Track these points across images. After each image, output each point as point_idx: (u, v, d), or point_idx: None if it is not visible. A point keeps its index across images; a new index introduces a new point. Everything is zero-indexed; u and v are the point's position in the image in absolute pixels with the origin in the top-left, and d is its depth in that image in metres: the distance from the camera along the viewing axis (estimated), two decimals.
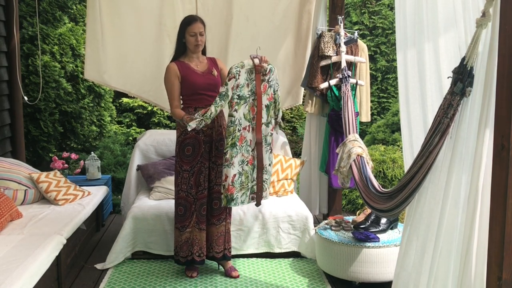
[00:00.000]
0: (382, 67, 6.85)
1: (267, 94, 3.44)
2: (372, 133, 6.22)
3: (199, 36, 3.43)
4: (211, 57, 3.66)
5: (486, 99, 1.93)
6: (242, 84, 3.34)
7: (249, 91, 3.38)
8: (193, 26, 3.42)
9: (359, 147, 3.38)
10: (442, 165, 2.17)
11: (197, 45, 3.46)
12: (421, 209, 2.30)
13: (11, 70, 4.72)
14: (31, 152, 5.58)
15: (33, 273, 2.72)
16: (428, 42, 2.30)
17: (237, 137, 3.35)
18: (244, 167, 3.39)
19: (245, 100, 3.36)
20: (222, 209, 3.57)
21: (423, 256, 2.24)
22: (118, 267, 3.76)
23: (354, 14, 6.90)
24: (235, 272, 3.62)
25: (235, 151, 3.34)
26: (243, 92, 3.35)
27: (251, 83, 3.37)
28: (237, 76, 3.30)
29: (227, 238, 3.64)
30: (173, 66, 3.47)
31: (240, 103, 3.35)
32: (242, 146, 3.38)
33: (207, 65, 3.55)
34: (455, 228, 2.10)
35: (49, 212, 3.77)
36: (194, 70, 3.49)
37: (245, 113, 3.38)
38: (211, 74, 3.53)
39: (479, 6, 1.99)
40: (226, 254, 3.64)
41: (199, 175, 3.50)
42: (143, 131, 6.22)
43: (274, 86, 3.46)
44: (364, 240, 3.33)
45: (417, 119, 2.42)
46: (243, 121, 3.38)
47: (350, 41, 4.35)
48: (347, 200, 5.34)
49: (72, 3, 6.03)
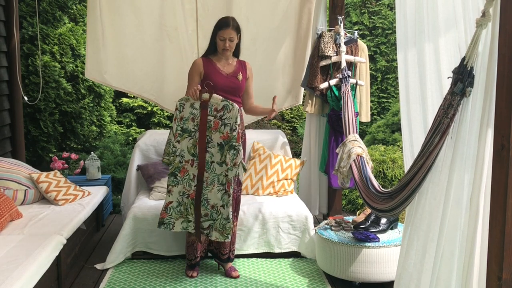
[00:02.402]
0: (382, 67, 6.85)
1: (220, 132, 3.35)
2: (372, 133, 6.22)
3: (228, 42, 3.43)
4: (243, 61, 3.64)
5: (488, 99, 1.93)
6: (187, 117, 3.37)
7: (195, 125, 3.37)
8: (224, 32, 3.43)
9: (359, 147, 3.38)
10: (443, 165, 2.17)
11: (225, 50, 3.47)
12: (421, 209, 2.30)
13: (11, 70, 4.72)
14: (31, 152, 5.58)
15: (33, 273, 2.72)
16: (429, 42, 2.30)
17: (178, 168, 3.38)
18: (184, 199, 3.42)
19: (189, 133, 3.38)
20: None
21: (424, 256, 2.24)
22: (118, 267, 3.76)
23: (354, 14, 6.90)
24: (235, 272, 3.63)
25: (173, 180, 3.39)
26: (187, 125, 3.37)
27: (197, 117, 3.36)
28: (181, 109, 3.37)
29: (233, 240, 3.66)
30: (198, 61, 3.54)
31: (183, 135, 3.38)
32: (183, 179, 3.40)
33: (235, 68, 3.55)
34: (457, 229, 2.10)
35: (49, 212, 3.77)
36: (219, 70, 3.50)
37: (188, 146, 3.38)
38: (235, 78, 3.52)
39: (479, 6, 1.98)
40: (230, 256, 3.65)
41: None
42: (143, 131, 6.21)
43: (232, 125, 3.32)
44: (364, 240, 3.33)
45: (418, 119, 2.42)
46: (186, 154, 3.39)
47: (350, 41, 4.35)
48: (347, 200, 5.34)
49: (72, 3, 6.02)
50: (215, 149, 3.36)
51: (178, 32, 4.39)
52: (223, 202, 3.34)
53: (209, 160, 3.37)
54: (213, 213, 3.37)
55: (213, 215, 3.37)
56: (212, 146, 3.36)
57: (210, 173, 3.37)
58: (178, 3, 4.33)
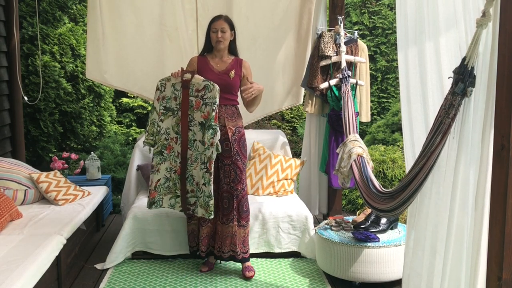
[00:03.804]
0: (382, 67, 6.85)
1: (201, 111, 3.44)
2: (372, 133, 6.22)
3: (220, 33, 3.49)
4: (240, 58, 3.66)
5: (490, 100, 1.93)
6: (169, 96, 3.50)
7: (177, 104, 3.49)
8: (216, 23, 3.52)
9: (360, 147, 3.38)
10: (446, 166, 2.17)
11: (218, 41, 3.51)
12: (426, 210, 2.29)
13: (11, 70, 4.72)
14: (31, 152, 5.58)
15: (33, 273, 2.72)
16: (429, 42, 2.30)
17: (164, 145, 3.51)
18: (172, 174, 3.54)
19: (172, 112, 3.50)
20: (230, 209, 3.57)
21: (435, 257, 2.23)
22: (118, 267, 3.76)
23: (354, 14, 6.90)
24: (250, 272, 3.61)
25: (160, 158, 3.51)
26: (169, 104, 3.50)
27: (179, 96, 3.47)
28: (162, 88, 3.50)
29: (234, 241, 3.59)
30: (194, 58, 3.64)
31: (166, 114, 3.50)
32: (170, 155, 3.52)
33: (228, 66, 3.57)
34: (465, 229, 2.09)
35: (49, 212, 3.77)
36: (211, 67, 3.56)
37: (172, 124, 3.51)
38: (227, 75, 3.54)
39: (479, 6, 1.98)
40: (235, 256, 3.62)
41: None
42: (143, 131, 6.22)
43: (212, 105, 3.39)
44: (364, 240, 3.33)
45: (419, 119, 2.42)
46: (171, 132, 3.51)
47: (350, 41, 4.35)
48: (347, 200, 5.34)
49: (72, 3, 6.03)
50: (197, 127, 3.46)
51: (178, 32, 4.40)
52: (204, 180, 3.42)
53: (191, 138, 3.48)
54: (197, 191, 3.48)
55: (197, 192, 3.48)
56: (194, 125, 3.47)
57: (193, 150, 3.48)
58: (178, 3, 4.34)
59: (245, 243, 3.64)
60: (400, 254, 3.24)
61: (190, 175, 3.49)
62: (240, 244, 3.61)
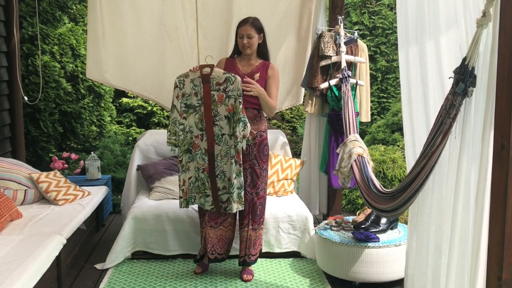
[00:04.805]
0: (382, 67, 6.85)
1: (225, 105, 3.36)
2: (372, 133, 6.22)
3: (246, 39, 3.45)
4: (268, 62, 3.62)
5: (490, 100, 1.93)
6: (189, 93, 3.39)
7: (198, 100, 3.39)
8: (241, 28, 3.48)
9: (360, 147, 3.38)
10: (449, 165, 2.17)
11: (244, 47, 3.48)
12: (429, 210, 2.29)
13: (11, 70, 4.71)
14: (31, 152, 5.58)
15: (33, 273, 2.72)
16: (430, 42, 2.30)
17: (191, 143, 3.42)
18: (200, 174, 3.45)
19: (194, 109, 3.40)
20: (244, 214, 3.56)
21: (440, 257, 2.23)
22: (118, 267, 3.76)
23: (354, 14, 6.90)
24: (247, 276, 3.59)
25: (189, 156, 3.43)
26: (190, 101, 3.40)
27: (200, 92, 3.38)
28: (180, 86, 3.39)
29: (248, 245, 3.57)
30: (222, 60, 3.64)
31: (188, 111, 3.41)
32: (197, 154, 3.43)
33: (254, 68, 3.55)
34: (468, 228, 2.09)
35: (49, 212, 3.77)
36: (238, 70, 3.53)
37: (195, 121, 3.41)
38: (251, 78, 3.51)
39: (480, 6, 1.98)
40: (246, 260, 3.60)
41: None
42: (143, 131, 6.21)
43: (236, 97, 3.33)
44: (364, 240, 3.33)
45: (420, 119, 2.42)
46: (195, 129, 3.42)
47: (350, 41, 4.35)
48: (347, 200, 5.34)
49: (72, 3, 6.02)
50: (224, 121, 3.37)
51: (178, 32, 4.40)
52: (235, 173, 3.36)
53: (219, 133, 3.38)
54: (229, 187, 3.39)
55: (229, 188, 3.39)
56: (219, 119, 3.38)
57: (222, 145, 3.39)
58: (178, 3, 4.33)
59: (256, 246, 3.62)
60: (400, 254, 3.24)
61: (221, 171, 3.40)
62: (251, 247, 3.59)
